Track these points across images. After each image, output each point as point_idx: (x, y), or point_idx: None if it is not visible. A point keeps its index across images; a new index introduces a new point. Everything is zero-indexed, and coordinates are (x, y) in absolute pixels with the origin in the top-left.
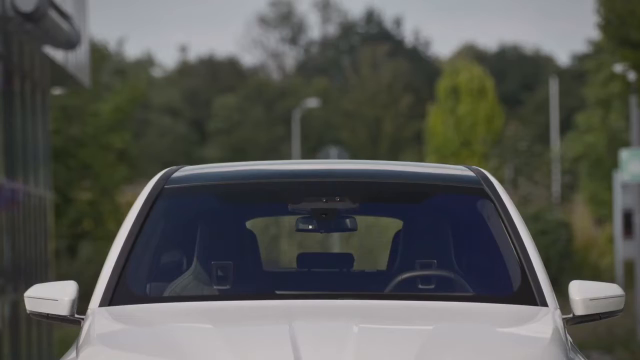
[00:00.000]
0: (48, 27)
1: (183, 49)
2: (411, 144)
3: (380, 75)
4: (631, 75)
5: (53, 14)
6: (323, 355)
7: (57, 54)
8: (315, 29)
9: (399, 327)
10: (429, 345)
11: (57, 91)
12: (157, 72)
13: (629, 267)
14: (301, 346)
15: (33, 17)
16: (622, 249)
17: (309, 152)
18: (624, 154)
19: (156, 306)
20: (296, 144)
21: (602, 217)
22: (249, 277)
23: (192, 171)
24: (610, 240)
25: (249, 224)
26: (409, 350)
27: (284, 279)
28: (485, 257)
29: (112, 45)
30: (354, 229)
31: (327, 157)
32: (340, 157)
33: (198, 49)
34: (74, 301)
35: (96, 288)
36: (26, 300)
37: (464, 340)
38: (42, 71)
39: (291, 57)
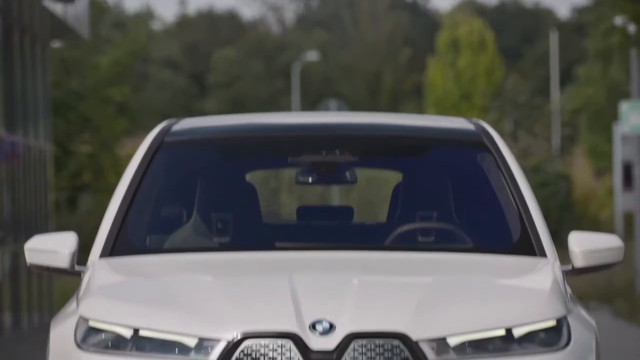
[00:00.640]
0: None
1: (182, 2)
2: (411, 97)
3: (380, 28)
4: (631, 28)
5: None
6: (323, 307)
7: (56, 7)
8: None
9: (398, 279)
10: (428, 297)
11: (56, 44)
12: (156, 26)
13: (629, 219)
14: (301, 298)
15: None
16: (622, 201)
17: (309, 106)
18: (624, 106)
19: (156, 258)
20: (296, 97)
21: (602, 169)
22: (248, 230)
23: (192, 124)
24: (610, 192)
25: (248, 177)
26: (408, 302)
27: (284, 231)
28: (485, 209)
29: None
30: (353, 182)
31: (327, 109)
32: (339, 110)
33: (197, 2)
34: (74, 253)
35: (96, 240)
36: (26, 252)
37: (463, 292)
38: (41, 24)
39: (291, 10)
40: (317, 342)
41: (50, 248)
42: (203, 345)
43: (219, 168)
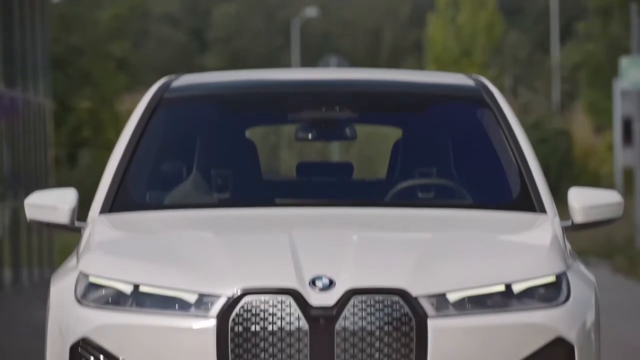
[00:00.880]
0: None
1: None
2: (411, 54)
3: None
4: None
5: None
6: (322, 262)
7: None
8: None
9: (398, 236)
10: (428, 253)
11: None
12: None
13: (628, 174)
14: (301, 254)
15: None
16: (622, 157)
17: (309, 62)
18: (624, 62)
19: (156, 214)
20: (295, 53)
21: (602, 125)
22: (248, 186)
23: (191, 80)
24: (610, 148)
25: (248, 133)
26: (408, 258)
27: (284, 187)
28: (485, 166)
29: None
30: (353, 138)
31: (326, 66)
32: (340, 66)
33: None
34: (73, 209)
35: (96, 196)
36: (26, 208)
37: (462, 248)
38: None
39: None
40: (317, 298)
41: (50, 204)
42: (203, 301)
43: (218, 124)
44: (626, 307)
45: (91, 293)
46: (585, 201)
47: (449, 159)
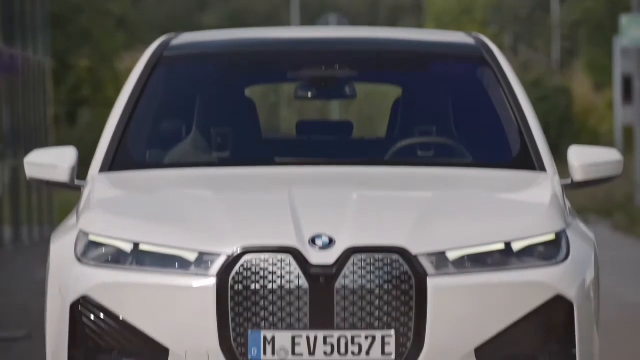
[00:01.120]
0: None
1: None
2: (411, 12)
3: None
4: None
5: None
6: (322, 221)
7: None
8: None
9: (398, 194)
10: (427, 212)
11: None
12: None
13: (628, 132)
14: (301, 213)
15: None
16: (622, 115)
17: (308, 20)
18: (624, 19)
19: (156, 172)
20: (295, 11)
21: (602, 83)
22: (248, 145)
23: (191, 38)
24: (610, 105)
25: (248, 92)
26: (408, 217)
27: (284, 146)
28: (485, 124)
29: None
30: (353, 97)
31: (326, 24)
32: (339, 24)
33: None
34: (73, 167)
35: (96, 154)
36: (26, 166)
37: (462, 206)
38: None
39: None
40: (317, 257)
41: (50, 162)
42: (203, 259)
43: (218, 83)
44: (626, 265)
45: (91, 251)
46: (585, 159)
47: (449, 117)
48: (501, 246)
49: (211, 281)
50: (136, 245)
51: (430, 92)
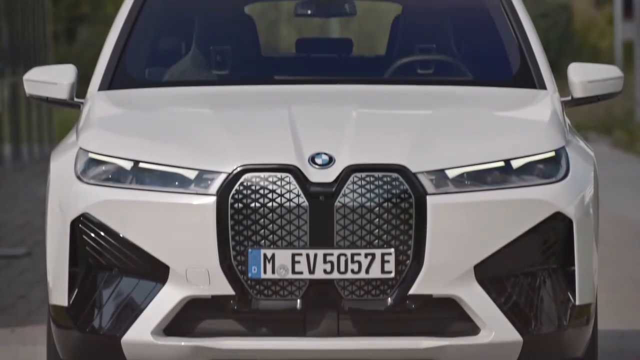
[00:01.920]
0: None
1: None
2: None
3: None
4: None
5: None
6: (321, 139)
7: None
8: None
9: (397, 112)
10: (427, 130)
11: None
12: None
13: (628, 48)
14: (300, 131)
15: None
16: (622, 30)
17: None
18: None
19: (155, 91)
20: None
21: None
22: (247, 62)
23: None
24: (610, 21)
25: (247, 9)
26: (407, 135)
27: (283, 64)
28: (485, 41)
29: None
30: (352, 14)
31: None
32: None
33: None
34: (73, 85)
35: (95, 72)
36: (25, 83)
37: (462, 124)
38: None
39: None
40: (317, 175)
41: (49, 79)
42: (203, 177)
43: (217, 0)
44: (625, 182)
45: (91, 169)
46: (585, 76)
47: (449, 34)
48: (501, 164)
49: (211, 199)
50: (136, 163)
51: (430, 9)
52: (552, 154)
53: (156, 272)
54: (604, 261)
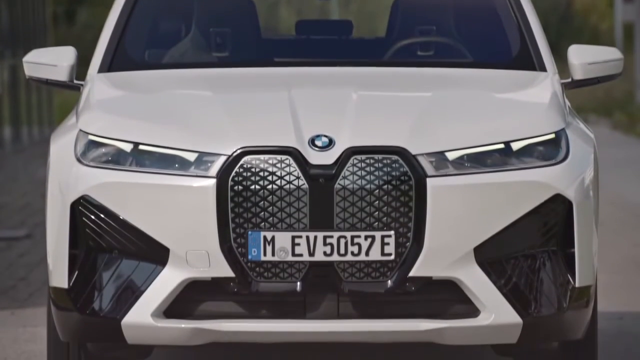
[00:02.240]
0: None
1: None
2: None
3: None
4: None
5: None
6: (321, 121)
7: None
8: None
9: (397, 94)
10: (427, 112)
11: None
12: None
13: (629, 30)
14: (300, 113)
15: None
16: (622, 12)
17: None
18: None
19: (155, 72)
20: None
21: None
22: (247, 45)
23: None
24: (610, 3)
25: None
26: (407, 117)
27: (283, 46)
28: (485, 23)
29: None
30: None
31: None
32: None
33: None
34: (72, 66)
35: (95, 54)
36: (25, 65)
37: (462, 106)
38: None
39: None
40: (316, 157)
41: (49, 61)
42: (202, 160)
43: None
44: (625, 164)
45: (91, 151)
46: (585, 58)
47: (449, 16)
48: (501, 146)
49: (211, 181)
50: (136, 145)
51: None
52: (552, 136)
53: (156, 255)
54: (603, 243)
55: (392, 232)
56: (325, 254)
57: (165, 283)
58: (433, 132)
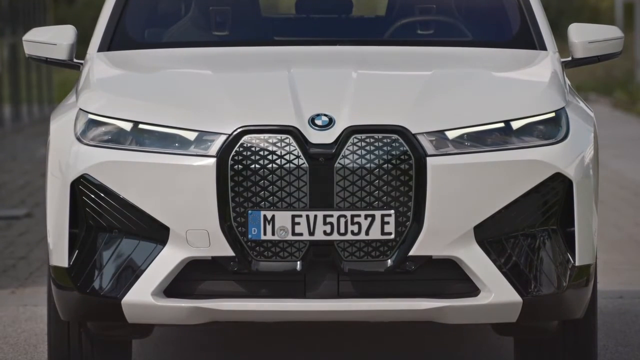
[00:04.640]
0: None
1: None
2: None
3: None
4: None
5: None
6: (321, 100)
7: None
8: None
9: (397, 73)
10: (427, 91)
11: None
12: None
13: (629, 8)
14: (300, 92)
15: None
16: None
17: None
18: None
19: (155, 51)
20: None
21: None
22: (247, 23)
23: None
24: None
25: None
26: (407, 96)
27: (283, 25)
28: (485, 2)
29: None
30: None
31: None
32: None
33: None
34: (72, 45)
35: (94, 33)
36: (25, 44)
37: (462, 85)
38: None
39: None
40: (316, 136)
41: (48, 40)
42: (202, 139)
43: None
44: (625, 142)
45: (90, 130)
46: (585, 36)
47: None
48: (500, 125)
49: (211, 161)
50: (136, 124)
51: None
52: (552, 114)
53: (156, 234)
54: (603, 222)
55: (392, 212)
56: (325, 233)
57: (166, 262)
58: (433, 111)
